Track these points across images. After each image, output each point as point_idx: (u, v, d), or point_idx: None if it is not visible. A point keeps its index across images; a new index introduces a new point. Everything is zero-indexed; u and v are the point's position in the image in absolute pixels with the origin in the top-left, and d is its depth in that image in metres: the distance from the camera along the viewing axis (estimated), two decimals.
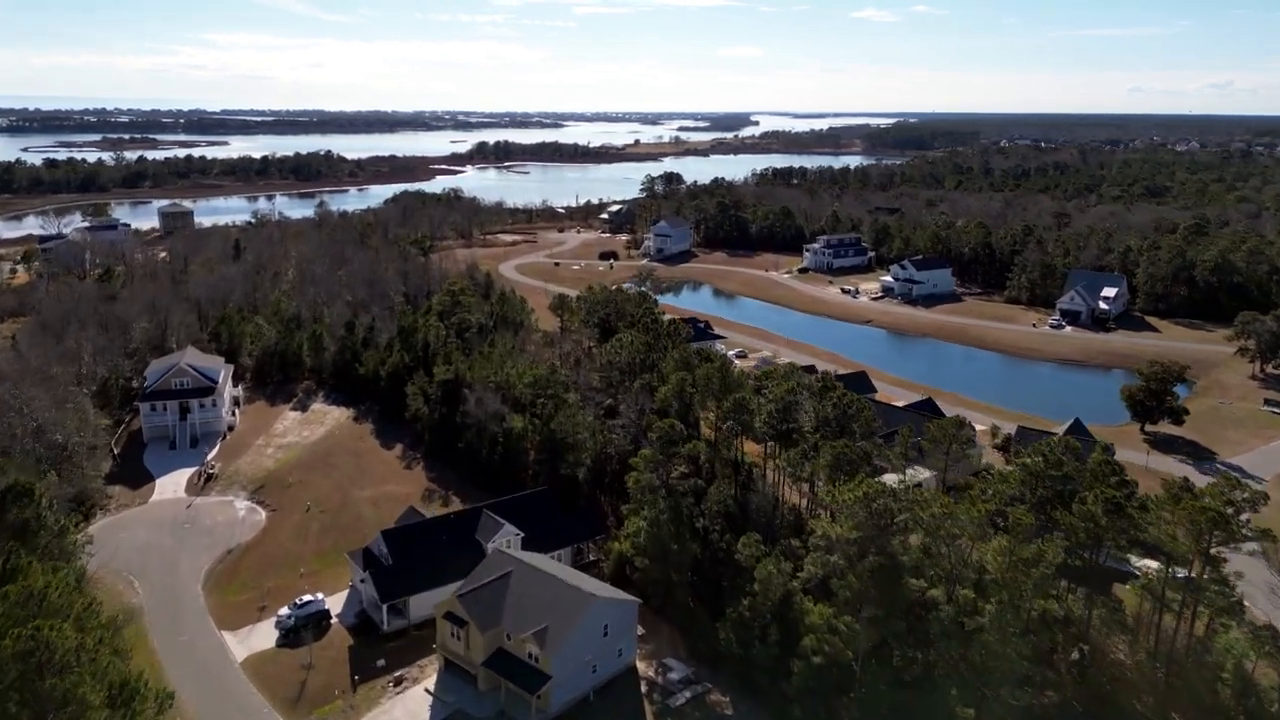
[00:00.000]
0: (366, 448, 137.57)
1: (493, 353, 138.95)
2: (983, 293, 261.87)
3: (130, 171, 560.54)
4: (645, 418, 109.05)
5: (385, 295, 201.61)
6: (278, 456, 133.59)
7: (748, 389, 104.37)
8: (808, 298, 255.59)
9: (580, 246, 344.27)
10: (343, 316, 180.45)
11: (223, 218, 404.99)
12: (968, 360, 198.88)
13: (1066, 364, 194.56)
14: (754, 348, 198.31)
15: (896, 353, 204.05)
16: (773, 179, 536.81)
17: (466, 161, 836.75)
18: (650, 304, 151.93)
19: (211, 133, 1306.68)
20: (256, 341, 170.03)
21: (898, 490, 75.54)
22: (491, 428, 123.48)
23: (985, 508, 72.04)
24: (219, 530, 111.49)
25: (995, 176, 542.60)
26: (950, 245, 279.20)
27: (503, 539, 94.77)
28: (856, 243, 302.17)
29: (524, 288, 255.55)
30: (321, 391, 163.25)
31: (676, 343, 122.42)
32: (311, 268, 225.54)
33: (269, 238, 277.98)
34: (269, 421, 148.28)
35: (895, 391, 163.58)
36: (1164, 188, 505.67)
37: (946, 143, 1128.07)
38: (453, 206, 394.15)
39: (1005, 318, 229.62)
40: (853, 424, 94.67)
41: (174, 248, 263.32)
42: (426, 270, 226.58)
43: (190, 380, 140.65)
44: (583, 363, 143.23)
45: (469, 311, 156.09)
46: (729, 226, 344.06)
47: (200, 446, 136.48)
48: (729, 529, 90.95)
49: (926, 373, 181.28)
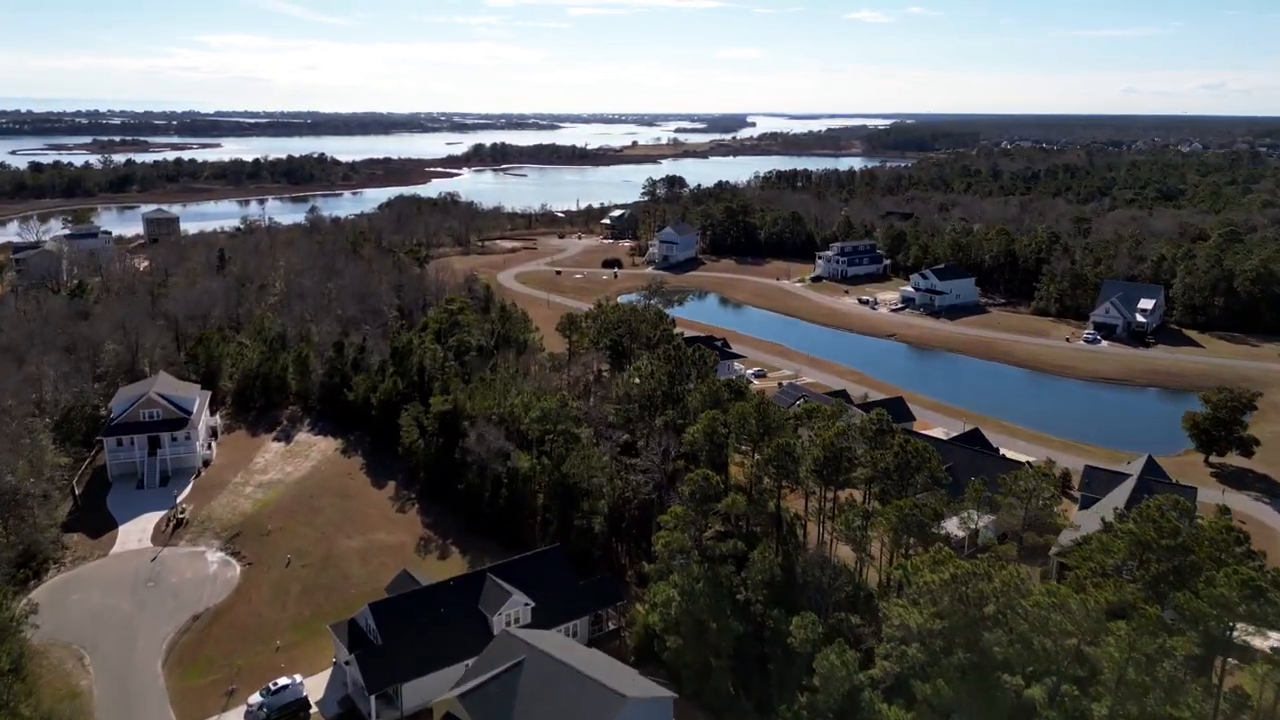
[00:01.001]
0: (355, 486, 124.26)
1: (495, 379, 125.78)
2: (1007, 303, 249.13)
3: (117, 175, 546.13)
4: (670, 462, 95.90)
5: (378, 310, 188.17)
6: (257, 497, 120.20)
7: (789, 431, 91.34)
8: (824, 309, 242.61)
9: (582, 254, 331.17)
10: (331, 335, 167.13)
11: (212, 223, 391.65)
12: (1001, 379, 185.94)
13: (1108, 383, 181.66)
14: (773, 366, 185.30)
15: (925, 371, 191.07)
16: (777, 182, 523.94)
17: (463, 164, 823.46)
18: (668, 325, 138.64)
19: (204, 135, 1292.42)
20: (237, 364, 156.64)
21: (990, 569, 62.49)
22: (495, 467, 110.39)
23: (1104, 597, 59.14)
24: (186, 590, 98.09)
25: (1005, 179, 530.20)
26: (970, 253, 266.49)
27: (511, 610, 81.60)
28: (871, 250, 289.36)
29: (525, 299, 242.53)
30: (308, 419, 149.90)
31: (702, 372, 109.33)
32: (299, 280, 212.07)
33: (256, 247, 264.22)
34: (249, 454, 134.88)
35: (933, 417, 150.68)
36: (1177, 190, 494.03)
37: (947, 144, 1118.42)
38: (449, 212, 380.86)
39: (1036, 331, 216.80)
40: (916, 475, 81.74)
41: (155, 258, 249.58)
42: (422, 282, 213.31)
43: (160, 411, 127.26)
44: (594, 390, 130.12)
45: (468, 332, 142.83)
46: (736, 233, 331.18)
47: (172, 485, 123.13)
48: (775, 601, 77.85)
49: (961, 394, 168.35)
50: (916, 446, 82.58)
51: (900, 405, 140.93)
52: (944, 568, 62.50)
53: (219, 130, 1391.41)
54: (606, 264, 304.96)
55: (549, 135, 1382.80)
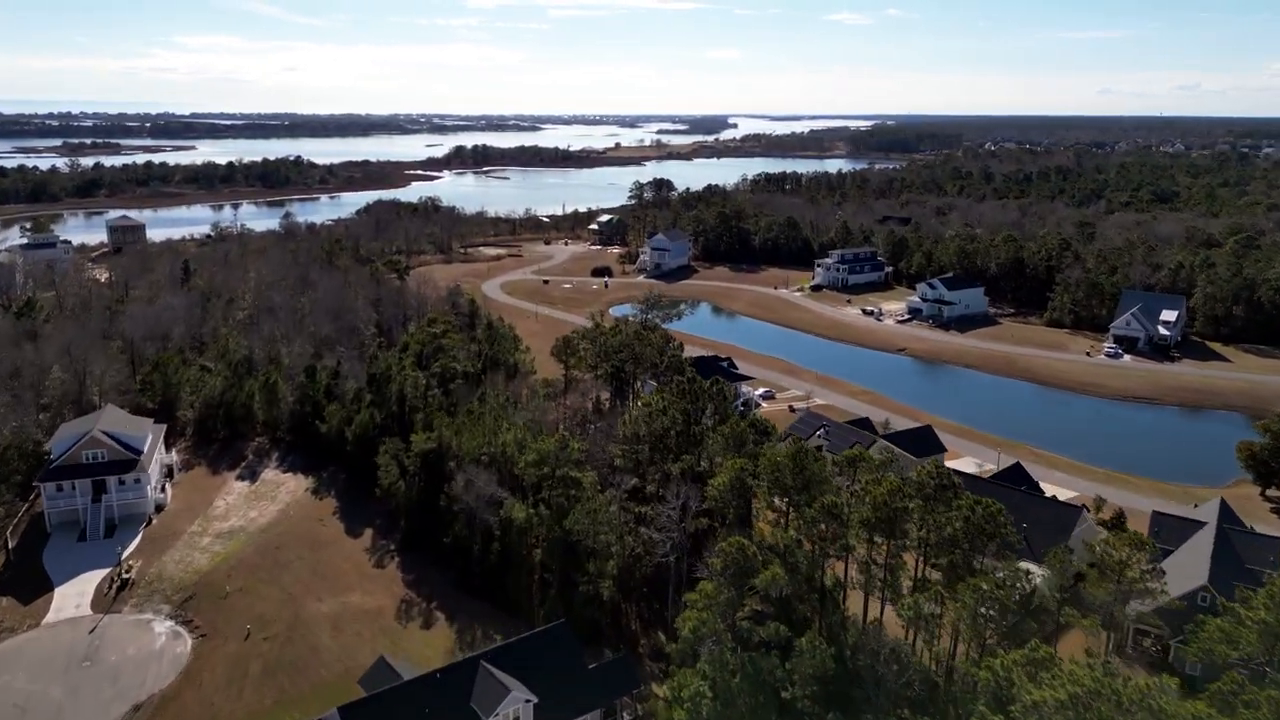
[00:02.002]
0: (328, 534, 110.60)
1: (484, 412, 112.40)
2: (1016, 313, 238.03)
3: (84, 179, 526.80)
4: (691, 520, 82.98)
5: (354, 328, 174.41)
6: (215, 550, 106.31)
7: (829, 483, 78.62)
8: (827, 321, 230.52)
9: (570, 261, 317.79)
10: (303, 358, 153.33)
11: (183, 229, 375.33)
12: (1023, 398, 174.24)
13: (1137, 402, 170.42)
14: (781, 386, 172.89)
15: (942, 389, 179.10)
16: (766, 185, 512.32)
17: (443, 166, 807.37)
18: (676, 351, 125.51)
19: (179, 137, 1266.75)
20: (198, 391, 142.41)
21: (1116, 684, 50.00)
22: (485, 517, 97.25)
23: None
24: (127, 672, 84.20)
25: (997, 182, 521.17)
26: (975, 260, 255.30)
27: (509, 710, 68.45)
28: (872, 257, 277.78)
29: (512, 311, 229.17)
30: (276, 452, 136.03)
31: (720, 407, 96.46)
32: (270, 294, 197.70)
33: (225, 257, 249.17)
34: (209, 496, 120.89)
35: (961, 445, 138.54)
36: (1171, 193, 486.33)
37: (932, 145, 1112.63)
38: (430, 217, 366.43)
39: (1052, 344, 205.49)
40: (988, 543, 69.36)
41: (116, 270, 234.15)
42: (402, 295, 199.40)
43: (106, 452, 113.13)
44: (593, 423, 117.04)
45: (452, 356, 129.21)
46: (730, 239, 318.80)
47: (118, 536, 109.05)
48: (828, 699, 65.22)
49: (984, 416, 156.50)
50: (990, 511, 70.01)
51: (929, 435, 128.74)
52: (1057, 683, 49.94)
53: (194, 132, 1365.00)
54: (596, 272, 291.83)
55: (530, 137, 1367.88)
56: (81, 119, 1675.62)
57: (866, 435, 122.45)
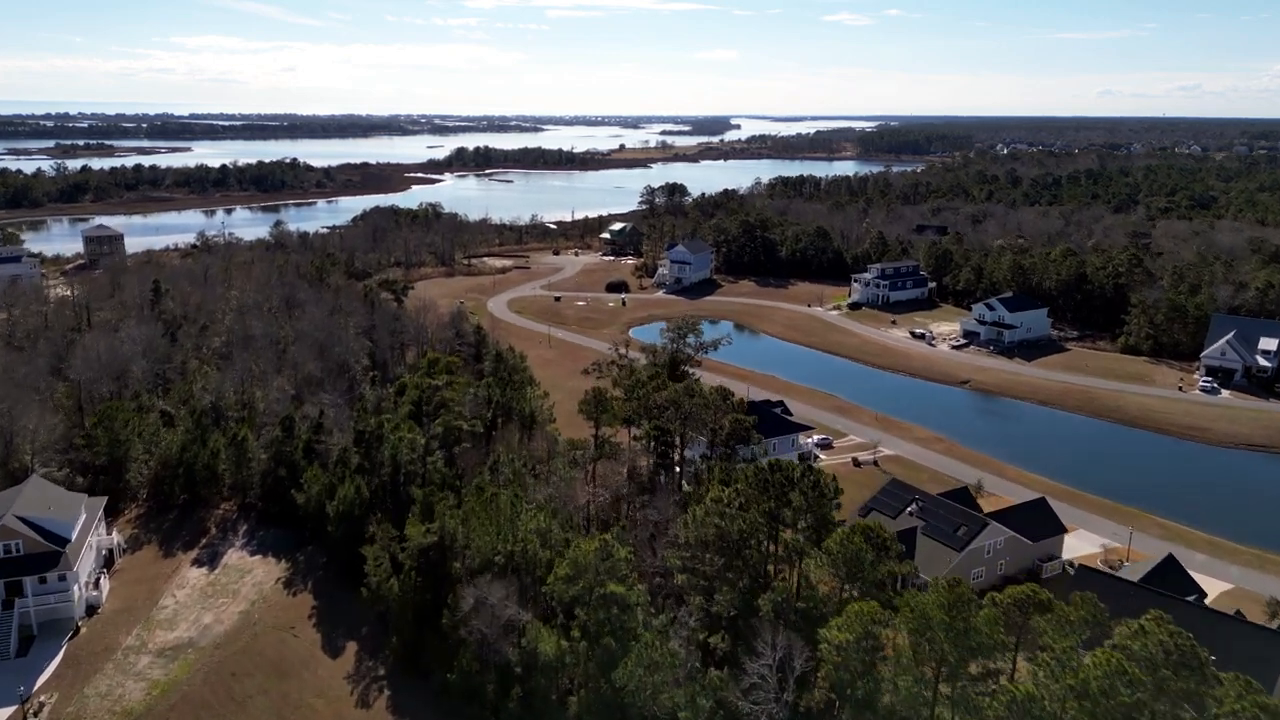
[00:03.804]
0: (300, 652, 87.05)
1: (499, 495, 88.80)
2: (1081, 337, 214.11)
3: (69, 183, 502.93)
4: (794, 690, 59.30)
5: (343, 365, 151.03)
6: (154, 677, 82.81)
7: (1001, 650, 54.98)
8: (875, 346, 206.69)
9: (581, 274, 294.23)
10: (282, 403, 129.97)
11: (170, 237, 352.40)
12: (1119, 445, 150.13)
13: (1251, 450, 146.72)
14: (836, 430, 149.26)
15: (1022, 434, 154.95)
16: (784, 190, 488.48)
17: (445, 169, 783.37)
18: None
19: (175, 138, 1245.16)
20: (154, 448, 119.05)
21: None
22: (502, 648, 73.90)
23: None
24: None
25: (1026, 186, 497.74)
26: (1030, 277, 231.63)
27: None
28: (914, 271, 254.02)
29: (521, 335, 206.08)
30: (244, 524, 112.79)
31: (816, 506, 72.55)
32: (249, 318, 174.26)
33: (205, 274, 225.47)
34: (156, 591, 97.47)
35: (1073, 515, 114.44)
36: (1209, 198, 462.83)
37: (942, 147, 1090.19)
38: (431, 226, 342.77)
39: (1134, 376, 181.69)
40: None
41: (81, 289, 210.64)
42: (400, 322, 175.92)
43: (23, 543, 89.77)
44: (632, 502, 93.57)
45: (456, 413, 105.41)
46: (755, 250, 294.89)
47: (36, 652, 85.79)
48: None
49: (1085, 472, 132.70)
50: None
51: (1044, 512, 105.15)
52: None
53: (191, 134, 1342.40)
54: (611, 288, 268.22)
55: (532, 138, 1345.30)
56: (78, 120, 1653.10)
57: (972, 515, 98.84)
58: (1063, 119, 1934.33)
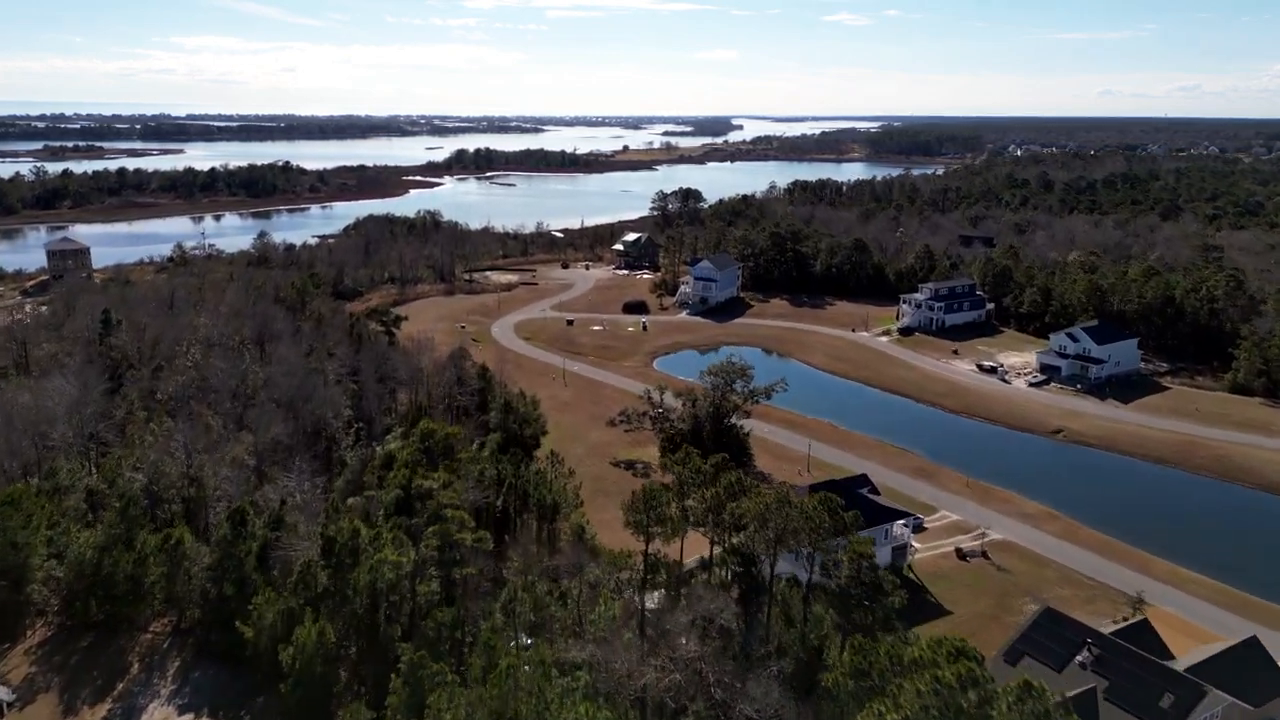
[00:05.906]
0: None
1: (516, 666, 61.28)
2: (1173, 372, 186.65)
3: (47, 188, 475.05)
4: None
5: (321, 421, 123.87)
6: None
7: None
8: (940, 382, 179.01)
9: (595, 291, 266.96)
10: (238, 482, 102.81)
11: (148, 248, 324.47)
12: (1262, 521, 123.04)
13: None
14: (925, 505, 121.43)
15: (1152, 508, 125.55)
16: (804, 195, 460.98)
17: (444, 171, 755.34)
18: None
19: (170, 139, 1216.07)
20: (63, 554, 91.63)
21: None
22: None
23: None
24: None
25: (1059, 190, 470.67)
26: (1109, 298, 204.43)
27: None
28: (971, 291, 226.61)
29: (531, 369, 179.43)
30: (177, 660, 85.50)
31: None
32: (213, 357, 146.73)
33: (171, 295, 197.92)
34: None
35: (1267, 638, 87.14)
36: (1255, 204, 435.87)
37: (953, 148, 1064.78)
38: (428, 236, 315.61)
39: (1255, 425, 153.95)
40: None
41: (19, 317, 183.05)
42: (390, 363, 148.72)
43: None
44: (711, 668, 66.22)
45: (457, 524, 77.74)
46: (786, 265, 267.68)
47: None
48: None
49: (1257, 571, 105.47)
50: None
51: (1259, 655, 77.65)
52: None
53: (186, 135, 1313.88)
54: (629, 308, 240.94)
55: (533, 139, 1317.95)
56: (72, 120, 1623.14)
57: (1176, 676, 71.39)
58: (1063, 119, 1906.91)
